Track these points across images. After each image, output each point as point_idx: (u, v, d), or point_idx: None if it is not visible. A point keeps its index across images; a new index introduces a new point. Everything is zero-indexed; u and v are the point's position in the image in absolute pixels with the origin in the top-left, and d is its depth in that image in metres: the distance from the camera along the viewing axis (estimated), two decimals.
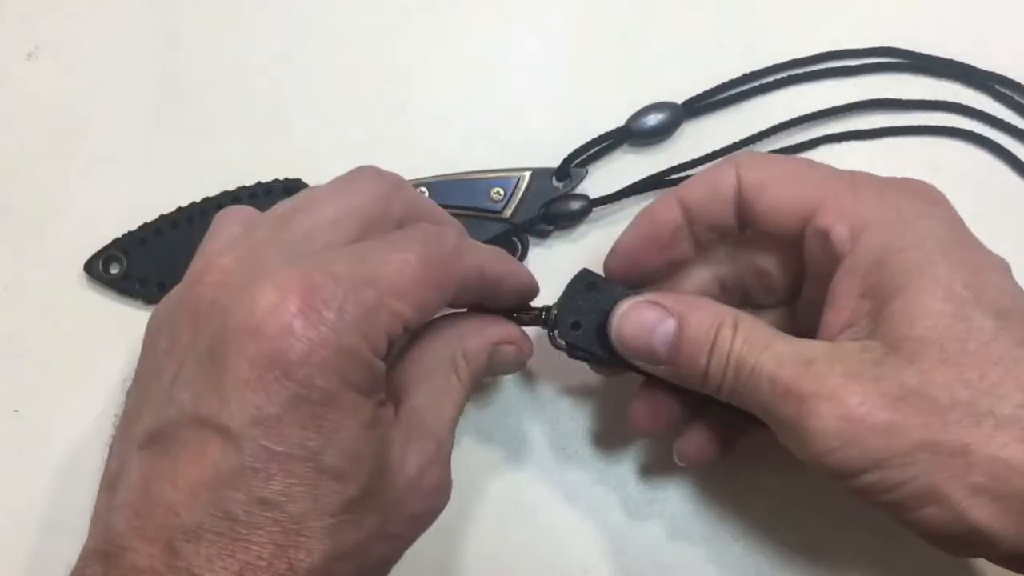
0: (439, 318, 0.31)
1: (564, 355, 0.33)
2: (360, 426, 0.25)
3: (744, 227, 0.32)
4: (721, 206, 0.31)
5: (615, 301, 0.31)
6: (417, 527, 0.29)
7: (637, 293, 0.31)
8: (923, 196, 0.29)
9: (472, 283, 0.29)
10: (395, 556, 0.28)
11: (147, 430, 0.25)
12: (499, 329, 0.32)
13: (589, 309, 0.32)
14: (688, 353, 0.29)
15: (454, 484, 0.37)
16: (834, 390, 0.25)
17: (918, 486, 0.24)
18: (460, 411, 0.30)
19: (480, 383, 0.32)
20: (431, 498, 0.29)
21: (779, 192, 0.30)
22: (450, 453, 0.30)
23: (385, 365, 0.26)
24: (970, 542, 0.25)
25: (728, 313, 0.29)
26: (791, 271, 0.32)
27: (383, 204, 0.29)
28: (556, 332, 0.32)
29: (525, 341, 0.33)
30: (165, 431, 0.25)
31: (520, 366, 0.33)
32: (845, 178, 0.30)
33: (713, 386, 0.29)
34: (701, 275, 0.34)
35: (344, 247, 0.27)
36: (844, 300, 0.28)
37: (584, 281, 0.32)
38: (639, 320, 0.30)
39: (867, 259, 0.27)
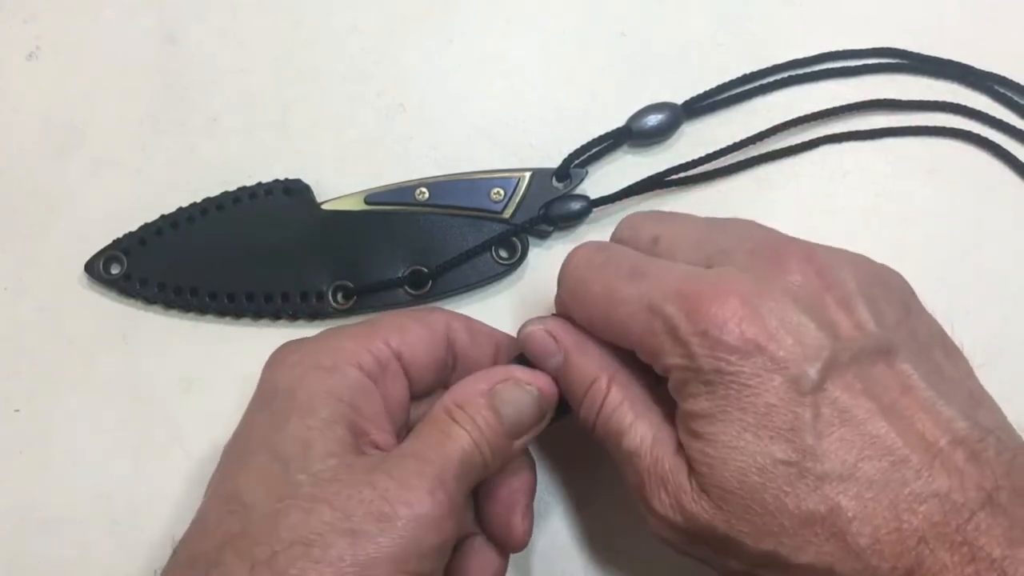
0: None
1: None
2: None
3: None
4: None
5: None
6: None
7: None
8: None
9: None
10: None
11: None
12: (491, 373, 0.31)
13: None
14: (568, 388, 0.31)
15: None
16: (668, 479, 0.28)
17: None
18: (468, 451, 0.29)
19: (520, 431, 0.31)
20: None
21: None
22: (450, 492, 0.28)
23: None
24: None
25: (605, 374, 0.30)
26: None
27: None
28: None
29: (534, 376, 0.31)
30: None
31: (543, 405, 0.31)
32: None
33: (586, 425, 0.31)
34: None
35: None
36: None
37: None
38: (538, 342, 0.32)
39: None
